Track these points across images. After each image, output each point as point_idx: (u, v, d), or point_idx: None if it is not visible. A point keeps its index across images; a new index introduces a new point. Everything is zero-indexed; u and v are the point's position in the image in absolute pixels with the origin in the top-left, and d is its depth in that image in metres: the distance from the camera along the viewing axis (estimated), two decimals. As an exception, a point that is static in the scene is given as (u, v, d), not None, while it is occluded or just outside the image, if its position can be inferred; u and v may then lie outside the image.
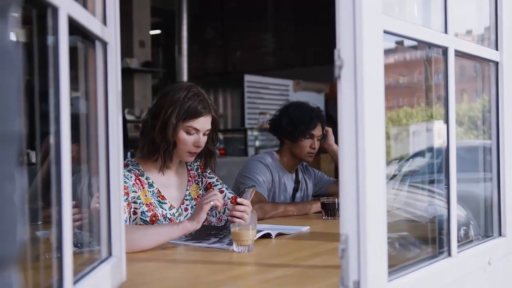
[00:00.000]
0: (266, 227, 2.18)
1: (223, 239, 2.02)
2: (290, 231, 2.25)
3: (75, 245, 1.22)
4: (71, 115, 1.02)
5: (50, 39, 0.99)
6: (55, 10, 0.98)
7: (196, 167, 2.39)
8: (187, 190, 2.32)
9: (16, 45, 0.57)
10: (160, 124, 2.14)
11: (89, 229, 1.45)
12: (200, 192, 2.36)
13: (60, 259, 0.99)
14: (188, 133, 2.17)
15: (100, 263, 1.30)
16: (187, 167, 2.37)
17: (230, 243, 1.90)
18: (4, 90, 0.53)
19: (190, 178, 2.35)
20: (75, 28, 1.09)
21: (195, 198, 2.33)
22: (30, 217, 1.23)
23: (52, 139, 0.99)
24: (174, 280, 1.59)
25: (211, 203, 1.99)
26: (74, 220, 1.11)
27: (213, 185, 2.37)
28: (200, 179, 2.38)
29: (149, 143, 2.18)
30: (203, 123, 2.18)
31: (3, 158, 0.53)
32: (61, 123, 0.99)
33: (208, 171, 2.40)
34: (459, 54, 1.56)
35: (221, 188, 2.36)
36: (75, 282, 1.07)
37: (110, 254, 1.36)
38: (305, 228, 2.34)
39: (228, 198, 2.33)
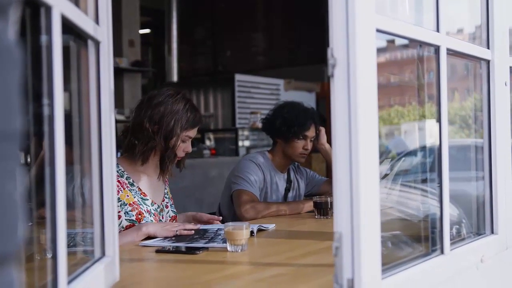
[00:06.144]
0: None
1: (215, 239, 2.01)
2: (266, 227, 2.29)
3: (68, 245, 1.21)
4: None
5: (43, 38, 0.99)
6: (48, 9, 0.97)
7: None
8: (165, 189, 2.43)
9: (16, 44, 0.57)
10: (164, 133, 2.21)
11: (81, 229, 1.44)
12: (171, 195, 2.49)
13: (54, 259, 0.99)
14: (184, 141, 2.27)
15: (93, 263, 1.29)
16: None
17: (225, 241, 1.89)
18: (6, 88, 0.53)
19: (166, 179, 2.45)
20: (67, 27, 1.09)
21: (171, 198, 2.45)
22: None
23: (45, 140, 0.98)
24: (167, 280, 1.59)
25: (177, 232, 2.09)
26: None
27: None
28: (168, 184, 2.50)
29: (150, 150, 2.24)
30: (196, 131, 2.32)
31: (5, 155, 0.53)
32: (55, 123, 0.98)
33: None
34: (451, 52, 1.56)
35: (172, 202, 2.49)
36: (69, 282, 1.07)
37: (103, 254, 1.35)
38: (271, 226, 2.35)
39: (169, 216, 2.39)
